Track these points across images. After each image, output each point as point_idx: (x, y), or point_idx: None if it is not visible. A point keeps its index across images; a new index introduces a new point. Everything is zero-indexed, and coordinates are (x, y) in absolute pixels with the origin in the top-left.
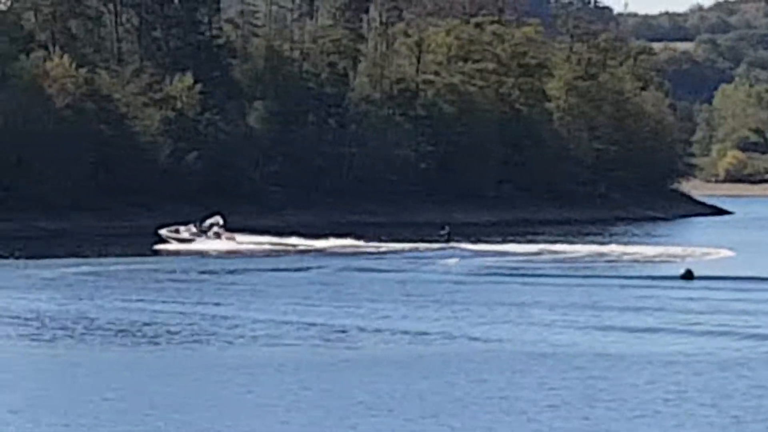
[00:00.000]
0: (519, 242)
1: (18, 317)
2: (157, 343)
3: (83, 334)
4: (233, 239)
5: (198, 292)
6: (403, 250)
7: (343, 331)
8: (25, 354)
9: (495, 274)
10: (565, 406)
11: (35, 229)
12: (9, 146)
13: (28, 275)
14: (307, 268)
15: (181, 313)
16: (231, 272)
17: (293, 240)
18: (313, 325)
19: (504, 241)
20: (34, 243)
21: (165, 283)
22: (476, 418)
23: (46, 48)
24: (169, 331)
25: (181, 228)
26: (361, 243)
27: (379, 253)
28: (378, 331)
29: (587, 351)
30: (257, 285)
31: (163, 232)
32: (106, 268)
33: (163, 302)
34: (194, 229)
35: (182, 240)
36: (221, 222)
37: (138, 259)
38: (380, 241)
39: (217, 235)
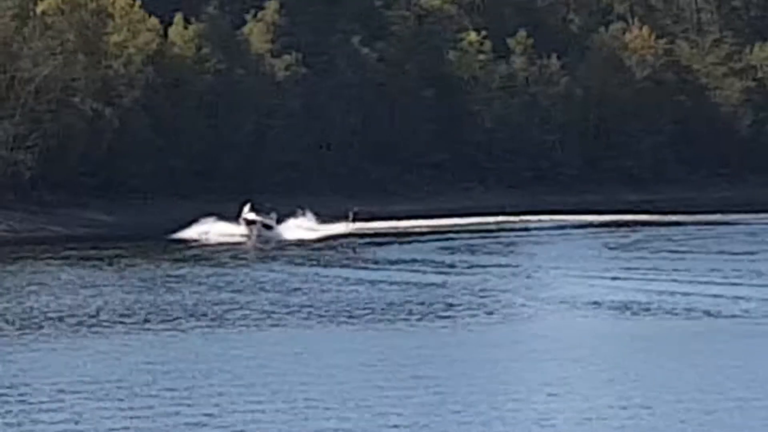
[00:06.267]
0: None
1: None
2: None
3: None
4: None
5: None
6: None
7: None
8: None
9: None
10: None
11: (620, 202)
12: (591, 118)
13: None
14: None
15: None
16: None
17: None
18: None
19: None
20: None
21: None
22: None
23: (625, 20)
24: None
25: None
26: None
27: None
28: None
29: None
30: None
31: (251, 216)
32: None
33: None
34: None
35: (266, 226)
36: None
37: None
38: None
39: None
